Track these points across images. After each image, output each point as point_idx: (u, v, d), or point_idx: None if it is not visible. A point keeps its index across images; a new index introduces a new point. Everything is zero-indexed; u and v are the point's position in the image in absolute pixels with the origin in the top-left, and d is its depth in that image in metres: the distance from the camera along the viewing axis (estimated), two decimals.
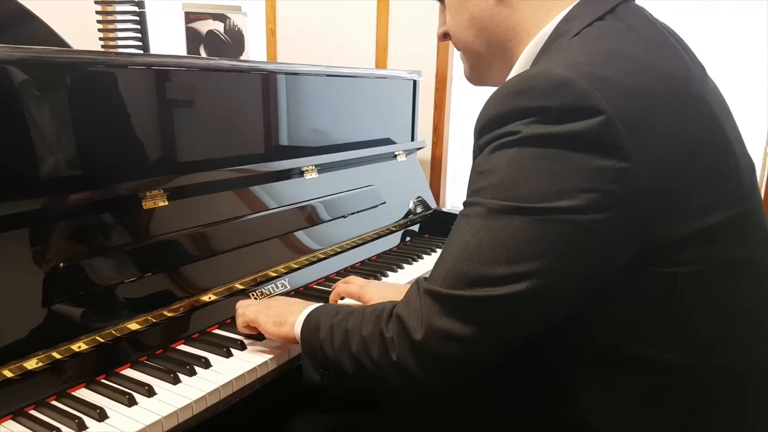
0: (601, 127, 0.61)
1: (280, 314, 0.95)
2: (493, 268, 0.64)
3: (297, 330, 0.89)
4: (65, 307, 0.91)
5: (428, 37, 2.24)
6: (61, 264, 0.91)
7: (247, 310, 1.00)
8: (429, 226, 1.79)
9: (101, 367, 0.92)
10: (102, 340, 0.93)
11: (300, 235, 1.35)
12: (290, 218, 1.34)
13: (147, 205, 1.06)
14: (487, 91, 0.71)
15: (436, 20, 2.58)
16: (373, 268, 1.45)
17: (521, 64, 0.77)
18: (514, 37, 0.78)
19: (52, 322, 0.89)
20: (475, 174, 0.70)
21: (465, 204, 0.71)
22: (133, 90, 1.07)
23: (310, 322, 0.87)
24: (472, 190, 0.70)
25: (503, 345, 0.69)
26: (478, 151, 0.71)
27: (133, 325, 0.98)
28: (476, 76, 0.87)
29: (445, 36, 0.87)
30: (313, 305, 0.92)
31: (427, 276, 0.73)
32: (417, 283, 0.73)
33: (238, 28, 1.86)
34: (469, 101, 2.28)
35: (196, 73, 1.18)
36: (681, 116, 0.66)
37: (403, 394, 0.77)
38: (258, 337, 1.03)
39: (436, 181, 2.31)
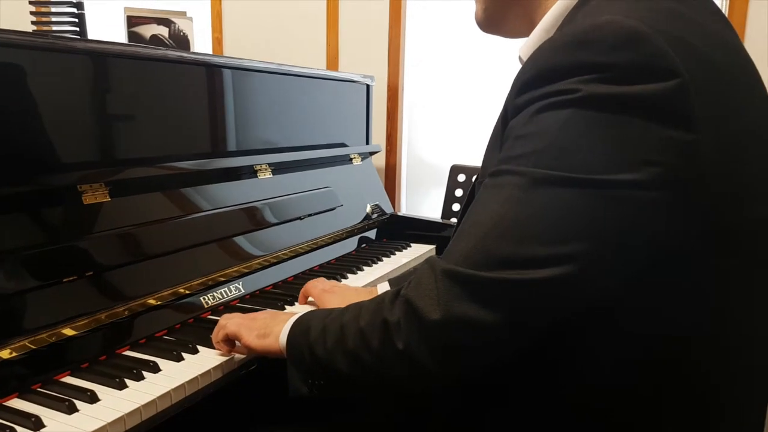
0: (674, 92, 0.54)
1: (265, 326, 0.84)
2: (532, 247, 0.55)
3: (282, 339, 0.79)
4: None
5: (378, 50, 2.24)
6: None
7: (229, 322, 0.90)
8: (386, 230, 1.75)
9: (36, 375, 0.83)
10: (34, 347, 0.84)
11: (254, 236, 1.28)
12: (243, 218, 1.28)
13: (87, 199, 0.98)
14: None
15: (386, 33, 2.54)
16: (332, 270, 1.39)
17: (552, 17, 0.67)
18: None
19: None
20: (511, 139, 0.60)
21: (494, 173, 0.60)
22: (71, 78, 1.00)
23: (298, 326, 0.77)
24: (507, 157, 0.59)
25: (528, 335, 0.60)
26: (515, 111, 0.61)
27: (69, 331, 0.88)
28: (489, 18, 0.75)
29: None
30: (303, 312, 0.81)
31: (441, 255, 0.63)
32: (430, 264, 0.63)
33: (184, 33, 1.80)
34: (419, 113, 2.28)
35: (140, 62, 1.12)
36: (748, 92, 0.60)
37: (406, 388, 0.67)
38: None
39: (390, 190, 2.28)
